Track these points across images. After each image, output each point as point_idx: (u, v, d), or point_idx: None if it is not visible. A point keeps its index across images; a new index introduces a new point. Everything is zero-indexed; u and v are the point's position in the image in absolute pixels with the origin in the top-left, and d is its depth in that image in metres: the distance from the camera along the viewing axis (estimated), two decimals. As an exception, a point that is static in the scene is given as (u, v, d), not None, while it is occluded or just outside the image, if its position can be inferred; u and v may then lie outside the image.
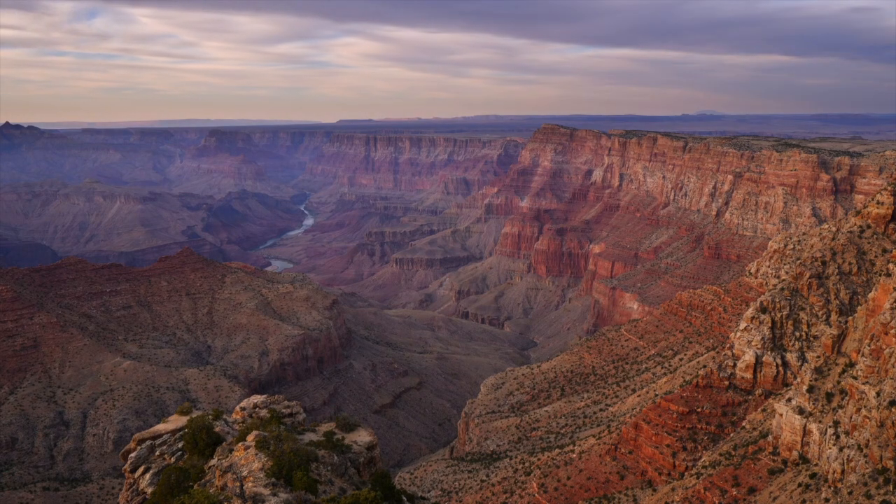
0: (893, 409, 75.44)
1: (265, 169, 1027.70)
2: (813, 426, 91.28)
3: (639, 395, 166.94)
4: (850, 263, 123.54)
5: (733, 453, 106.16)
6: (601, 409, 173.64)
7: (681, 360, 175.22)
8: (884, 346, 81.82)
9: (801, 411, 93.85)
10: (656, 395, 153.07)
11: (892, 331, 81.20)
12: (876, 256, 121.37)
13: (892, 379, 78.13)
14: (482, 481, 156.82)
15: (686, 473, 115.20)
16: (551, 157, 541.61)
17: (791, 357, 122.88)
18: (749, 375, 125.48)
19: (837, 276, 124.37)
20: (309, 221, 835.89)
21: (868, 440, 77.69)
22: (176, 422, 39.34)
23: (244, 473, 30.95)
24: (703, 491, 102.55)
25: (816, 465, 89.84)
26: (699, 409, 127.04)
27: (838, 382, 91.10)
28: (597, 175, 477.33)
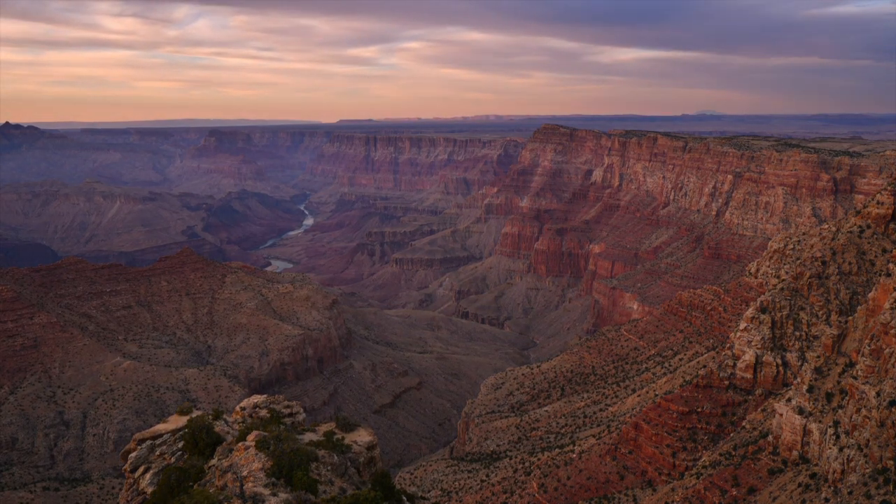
0: (893, 409, 75.48)
1: (265, 169, 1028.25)
2: (813, 426, 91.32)
3: (639, 395, 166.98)
4: (850, 263, 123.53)
5: (733, 453, 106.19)
6: (601, 409, 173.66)
7: (681, 360, 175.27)
8: (884, 346, 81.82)
9: (801, 411, 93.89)
10: (656, 395, 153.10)
11: (892, 331, 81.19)
12: (876, 256, 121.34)
13: (892, 379, 78.14)
14: (482, 481, 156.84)
15: (686, 473, 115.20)
16: (551, 157, 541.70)
17: (791, 357, 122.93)
18: (749, 375, 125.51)
19: (837, 276, 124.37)
20: (309, 221, 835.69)
21: (868, 440, 77.72)
22: (176, 422, 39.25)
23: (244, 473, 30.93)
24: (703, 491, 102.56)
25: (816, 465, 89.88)
26: (699, 409, 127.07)
27: (838, 382, 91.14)
28: (597, 175, 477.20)
